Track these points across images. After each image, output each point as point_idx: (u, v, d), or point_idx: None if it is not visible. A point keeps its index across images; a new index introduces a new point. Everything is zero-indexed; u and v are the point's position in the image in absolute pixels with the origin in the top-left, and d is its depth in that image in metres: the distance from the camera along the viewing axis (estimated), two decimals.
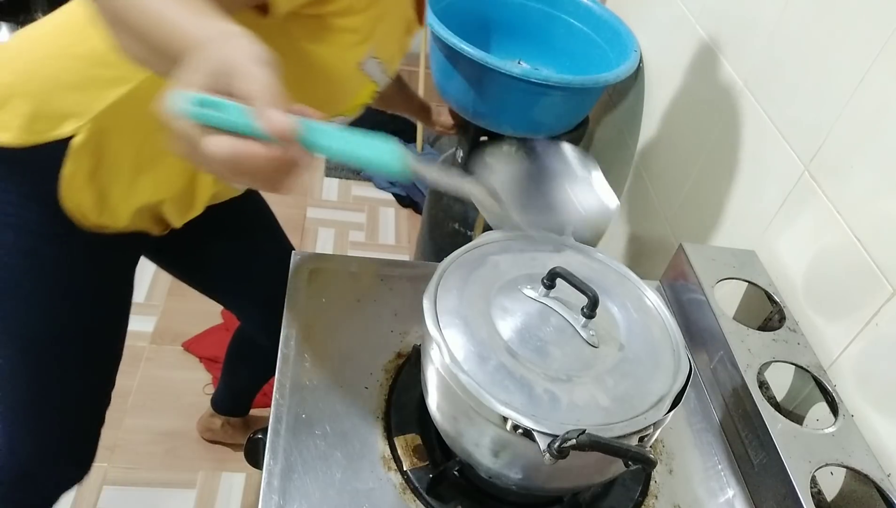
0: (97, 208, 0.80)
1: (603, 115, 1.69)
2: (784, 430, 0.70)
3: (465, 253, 0.70)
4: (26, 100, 0.74)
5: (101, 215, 0.81)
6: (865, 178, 0.78)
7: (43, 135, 0.74)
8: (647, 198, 1.37)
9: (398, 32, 0.84)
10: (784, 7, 0.96)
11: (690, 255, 0.90)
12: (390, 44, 0.83)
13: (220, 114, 0.41)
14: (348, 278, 0.90)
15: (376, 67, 0.81)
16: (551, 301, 0.65)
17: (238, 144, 0.40)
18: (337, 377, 0.77)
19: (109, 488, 1.41)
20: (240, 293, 1.16)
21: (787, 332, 0.82)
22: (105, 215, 0.81)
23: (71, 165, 0.75)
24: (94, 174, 0.78)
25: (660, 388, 0.60)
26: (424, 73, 2.36)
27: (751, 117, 1.01)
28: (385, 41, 0.80)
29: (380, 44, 0.78)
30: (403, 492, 0.68)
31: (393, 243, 2.19)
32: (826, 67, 0.86)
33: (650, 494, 0.72)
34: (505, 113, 1.41)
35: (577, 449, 0.51)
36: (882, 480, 0.67)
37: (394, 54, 0.86)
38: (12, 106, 0.74)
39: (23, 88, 0.74)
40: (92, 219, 0.81)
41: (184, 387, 1.63)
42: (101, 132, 0.75)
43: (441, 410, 0.64)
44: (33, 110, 0.74)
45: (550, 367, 0.59)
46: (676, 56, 1.31)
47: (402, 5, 0.82)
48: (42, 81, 0.75)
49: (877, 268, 0.74)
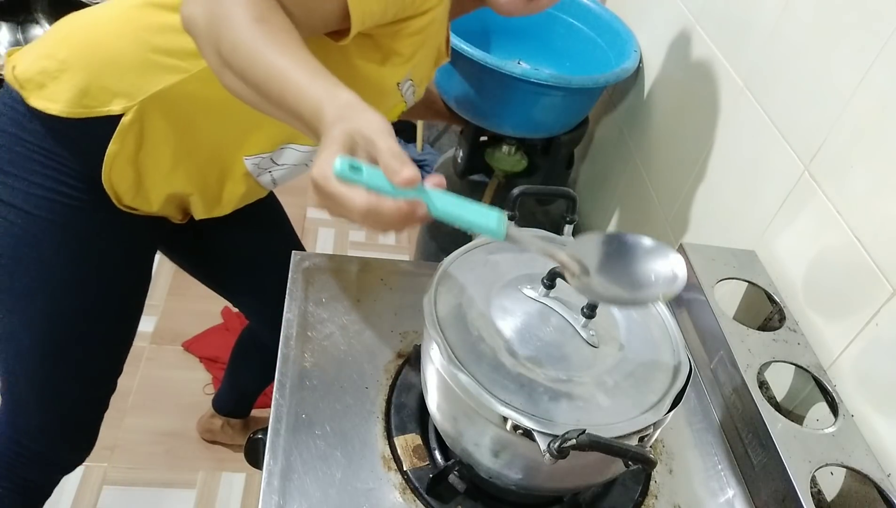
0: (133, 189, 0.83)
1: (603, 115, 1.69)
2: (784, 430, 0.70)
3: (465, 253, 0.70)
4: (80, 75, 0.77)
5: (135, 198, 0.84)
6: (865, 178, 0.78)
7: (92, 110, 0.77)
8: (647, 198, 1.37)
9: (431, 60, 0.91)
10: (784, 7, 0.96)
11: (690, 255, 0.90)
12: (424, 68, 0.90)
13: (364, 177, 0.50)
14: (348, 278, 0.90)
15: (409, 88, 0.88)
16: (551, 301, 0.65)
17: (374, 198, 0.49)
18: (337, 377, 0.77)
19: (109, 488, 1.41)
20: (249, 289, 1.16)
21: (787, 332, 0.82)
22: (139, 197, 0.84)
23: (116, 144, 0.78)
24: (136, 157, 0.81)
25: (660, 388, 0.60)
26: None
27: (751, 117, 1.01)
28: (421, 65, 0.87)
29: (417, 67, 0.85)
30: (403, 492, 0.68)
31: (393, 243, 2.19)
32: (826, 67, 0.86)
33: (650, 494, 0.72)
34: (505, 113, 1.41)
35: (577, 449, 0.51)
36: (882, 480, 0.67)
37: (423, 78, 0.92)
38: (65, 79, 0.77)
39: (78, 63, 0.77)
40: (126, 200, 0.84)
41: (184, 387, 1.63)
42: (147, 116, 0.78)
43: (441, 410, 0.64)
44: (85, 85, 0.76)
45: (550, 367, 0.59)
46: (676, 56, 1.31)
47: (439, 36, 0.87)
48: (100, 59, 0.77)
49: (877, 268, 0.74)
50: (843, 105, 0.82)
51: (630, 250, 0.60)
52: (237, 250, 1.10)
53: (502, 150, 1.57)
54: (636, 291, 0.58)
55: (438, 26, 0.82)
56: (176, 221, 0.94)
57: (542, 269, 0.65)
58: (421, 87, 0.92)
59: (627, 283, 0.59)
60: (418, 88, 0.91)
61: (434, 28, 0.80)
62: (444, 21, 0.84)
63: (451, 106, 1.48)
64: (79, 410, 1.00)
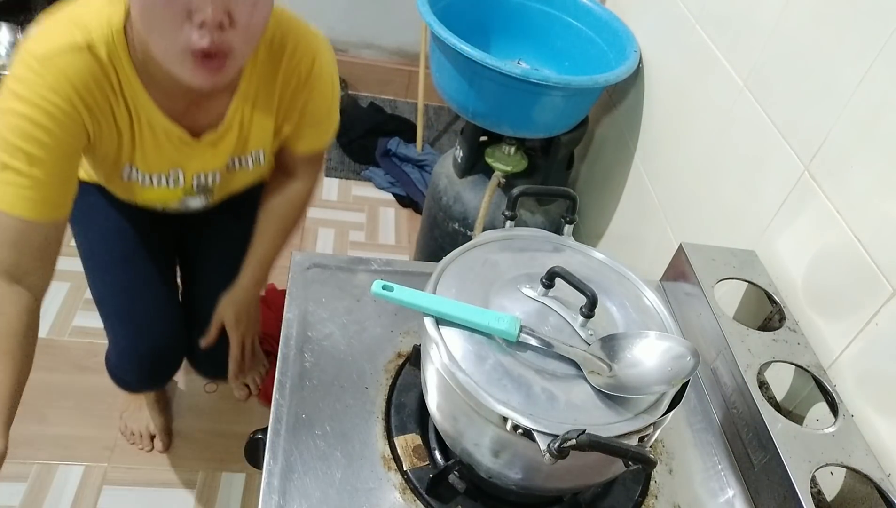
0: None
1: (603, 115, 1.69)
2: (784, 430, 0.70)
3: (464, 252, 0.70)
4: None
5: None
6: (865, 178, 0.78)
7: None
8: (647, 198, 1.37)
9: (158, 150, 0.98)
10: (784, 7, 0.96)
11: (690, 255, 0.90)
12: (152, 158, 0.99)
13: (394, 294, 0.63)
14: (348, 278, 0.90)
15: (135, 173, 1.00)
16: (550, 301, 0.65)
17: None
18: (337, 377, 0.77)
19: (109, 488, 1.41)
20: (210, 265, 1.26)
21: (787, 332, 0.82)
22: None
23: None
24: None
25: (659, 388, 0.60)
26: (424, 73, 2.36)
27: (751, 117, 1.01)
28: (146, 157, 0.98)
29: (140, 159, 0.98)
30: (403, 492, 0.68)
31: (393, 243, 2.19)
32: (826, 67, 0.86)
33: (650, 494, 0.72)
34: (505, 113, 1.41)
35: (577, 449, 0.51)
36: (882, 480, 0.67)
37: (153, 164, 1.00)
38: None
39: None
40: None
41: (184, 387, 1.63)
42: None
43: (441, 410, 0.64)
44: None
45: (548, 366, 0.59)
46: (676, 56, 1.31)
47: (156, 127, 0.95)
48: None
49: (877, 268, 0.74)
50: (844, 105, 0.82)
51: (633, 340, 0.62)
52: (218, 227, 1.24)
53: (502, 150, 1.57)
54: (646, 373, 0.59)
55: (112, 130, 0.92)
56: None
57: (540, 268, 0.65)
58: (151, 170, 1.01)
59: (642, 367, 0.60)
60: (149, 172, 1.01)
61: (107, 134, 0.91)
62: (124, 128, 0.93)
63: (452, 106, 1.48)
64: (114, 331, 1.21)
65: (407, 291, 0.63)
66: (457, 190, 1.59)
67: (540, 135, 1.49)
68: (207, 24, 0.73)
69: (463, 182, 1.60)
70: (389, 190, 2.35)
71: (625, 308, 0.67)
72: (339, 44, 2.62)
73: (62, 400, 1.52)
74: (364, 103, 2.65)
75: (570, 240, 0.75)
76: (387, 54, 2.65)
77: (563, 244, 0.74)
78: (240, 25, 0.75)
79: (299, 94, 0.99)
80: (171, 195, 1.06)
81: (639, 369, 0.59)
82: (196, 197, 1.10)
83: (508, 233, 0.74)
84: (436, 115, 2.64)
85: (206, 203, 1.14)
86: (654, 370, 0.59)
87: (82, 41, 0.81)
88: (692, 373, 0.57)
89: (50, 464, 1.42)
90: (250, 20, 0.76)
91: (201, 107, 0.94)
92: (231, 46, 0.77)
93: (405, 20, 2.51)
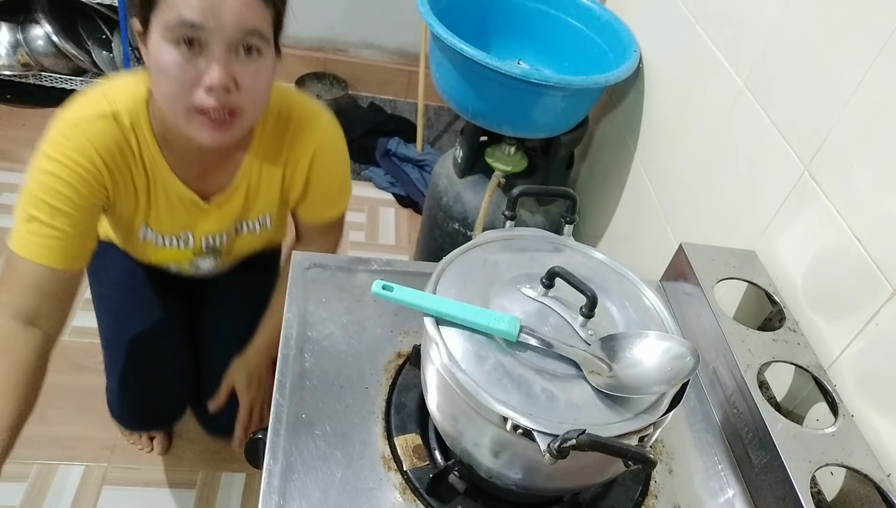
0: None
1: (603, 115, 1.69)
2: (784, 430, 0.70)
3: (464, 252, 0.70)
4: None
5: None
6: (865, 178, 0.78)
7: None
8: (647, 198, 1.37)
9: (169, 212, 1.05)
10: (784, 7, 0.96)
11: (690, 255, 0.90)
12: (164, 218, 1.06)
13: (394, 294, 0.63)
14: (348, 278, 0.90)
15: (151, 234, 1.08)
16: (550, 301, 0.65)
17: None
18: (337, 376, 0.77)
19: (109, 488, 1.41)
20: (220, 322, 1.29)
21: (787, 332, 0.82)
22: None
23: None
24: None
25: (659, 388, 0.60)
26: (424, 73, 2.36)
27: (751, 117, 1.01)
28: (157, 217, 1.06)
29: (152, 219, 1.06)
30: (403, 492, 0.68)
31: (393, 243, 2.19)
32: (826, 67, 0.86)
33: (650, 494, 0.72)
34: (505, 113, 1.41)
35: (577, 449, 0.51)
36: (882, 480, 0.67)
37: (167, 225, 1.08)
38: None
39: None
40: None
41: None
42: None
43: (441, 410, 0.64)
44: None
45: (548, 366, 0.59)
46: (676, 56, 1.31)
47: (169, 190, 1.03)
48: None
49: (877, 268, 0.74)
50: (843, 105, 0.82)
51: (633, 340, 0.62)
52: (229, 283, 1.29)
53: (502, 150, 1.57)
54: (646, 372, 0.59)
55: (129, 193, 1.00)
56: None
57: (540, 268, 0.65)
58: (163, 231, 1.09)
59: (642, 366, 0.60)
60: (162, 233, 1.09)
61: (125, 197, 1.00)
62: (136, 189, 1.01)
63: (452, 106, 1.48)
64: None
65: (407, 291, 0.63)
66: (457, 190, 1.59)
67: (540, 135, 1.49)
68: (215, 88, 0.82)
69: (463, 182, 1.60)
70: (389, 190, 2.35)
71: (625, 308, 0.67)
72: (339, 44, 2.62)
73: (62, 400, 1.52)
74: (364, 103, 2.65)
75: (570, 240, 0.75)
76: (387, 54, 2.65)
77: (563, 244, 0.74)
78: (244, 90, 0.85)
79: (303, 163, 1.06)
80: (183, 256, 1.12)
81: (639, 369, 0.59)
82: (206, 258, 1.15)
83: (508, 233, 0.74)
84: (436, 115, 2.64)
85: (216, 264, 1.18)
86: (654, 370, 0.59)
87: (108, 110, 0.92)
88: (692, 373, 0.57)
89: (50, 464, 1.42)
90: (254, 85, 0.86)
91: (212, 173, 1.03)
92: (236, 106, 0.86)
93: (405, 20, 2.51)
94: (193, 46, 0.81)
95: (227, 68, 0.82)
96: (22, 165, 2.15)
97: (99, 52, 2.32)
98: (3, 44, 2.27)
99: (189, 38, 0.80)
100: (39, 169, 0.90)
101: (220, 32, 0.80)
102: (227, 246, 1.13)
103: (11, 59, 2.27)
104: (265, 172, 1.05)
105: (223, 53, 0.81)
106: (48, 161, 0.90)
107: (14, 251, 0.90)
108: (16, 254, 0.90)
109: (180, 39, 0.80)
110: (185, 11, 0.78)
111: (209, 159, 1.00)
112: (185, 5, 0.78)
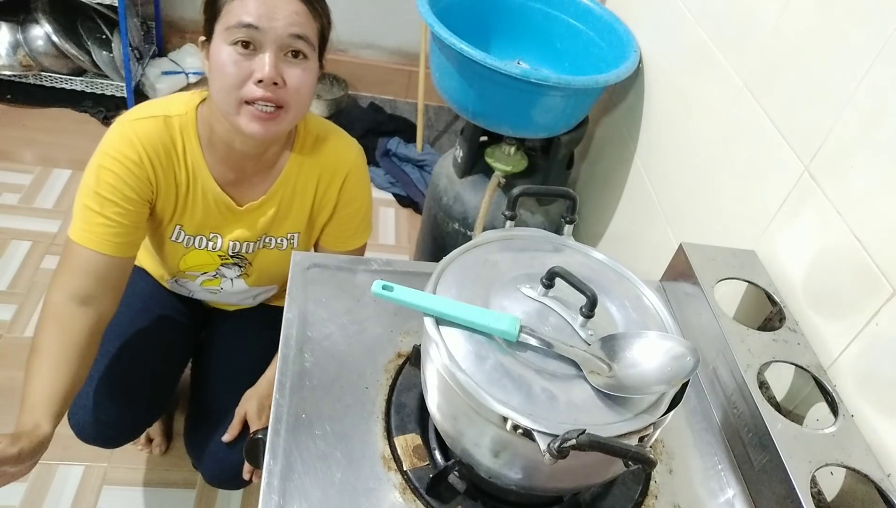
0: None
1: (603, 115, 1.69)
2: (784, 430, 0.70)
3: (464, 252, 0.70)
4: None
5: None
6: (865, 178, 0.78)
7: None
8: (647, 198, 1.37)
9: (203, 212, 1.10)
10: (784, 7, 0.96)
11: (690, 255, 0.90)
12: (196, 219, 1.11)
13: (394, 295, 0.63)
14: (348, 278, 0.90)
15: (183, 235, 1.13)
16: (550, 301, 0.65)
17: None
18: (337, 376, 0.77)
19: (109, 488, 1.41)
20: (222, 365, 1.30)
21: (787, 332, 0.82)
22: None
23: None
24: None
25: (659, 388, 0.60)
26: (424, 73, 2.36)
27: (751, 117, 1.01)
28: (190, 218, 1.10)
29: (185, 221, 1.11)
30: (403, 492, 0.68)
31: (393, 243, 2.19)
32: (826, 67, 0.86)
33: (650, 494, 0.72)
34: (505, 113, 1.41)
35: (577, 449, 0.51)
36: (882, 480, 0.67)
37: (199, 225, 1.12)
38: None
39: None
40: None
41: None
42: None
43: (441, 410, 0.64)
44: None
45: (548, 366, 0.59)
46: (676, 56, 1.31)
47: (206, 192, 1.08)
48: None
49: (877, 268, 0.74)
50: (843, 105, 0.82)
51: (633, 340, 0.62)
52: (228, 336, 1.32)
53: (502, 150, 1.57)
54: (646, 373, 0.59)
55: (170, 192, 1.06)
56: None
57: (540, 268, 0.65)
58: (195, 231, 1.13)
59: (642, 367, 0.60)
60: (193, 234, 1.13)
61: (166, 196, 1.06)
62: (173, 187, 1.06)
63: (452, 106, 1.48)
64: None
65: (407, 291, 0.63)
66: (457, 190, 1.59)
67: (540, 135, 1.49)
68: (265, 80, 0.92)
69: (463, 182, 1.60)
70: (389, 190, 2.35)
71: (625, 308, 0.67)
72: (339, 44, 2.62)
73: None
74: (364, 103, 2.65)
75: (570, 240, 0.75)
76: (387, 54, 2.65)
77: (563, 244, 0.74)
78: (290, 87, 0.94)
79: (335, 184, 1.14)
80: (210, 261, 1.17)
81: (639, 369, 0.59)
82: (232, 268, 1.18)
83: (508, 233, 0.74)
84: (436, 115, 2.64)
85: (241, 277, 1.21)
86: (654, 370, 0.59)
87: (160, 114, 1.02)
88: (692, 373, 0.57)
89: (50, 464, 1.42)
90: (299, 85, 0.95)
91: (249, 181, 1.09)
92: (282, 101, 0.95)
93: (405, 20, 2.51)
94: (249, 47, 0.92)
95: (277, 66, 0.93)
96: (22, 164, 2.16)
97: (99, 52, 2.33)
98: (3, 44, 2.27)
99: (245, 41, 0.91)
100: (94, 163, 0.99)
101: (272, 34, 0.91)
102: (252, 256, 1.17)
103: (11, 59, 2.27)
104: (299, 187, 1.12)
105: (274, 53, 0.92)
106: (102, 156, 0.99)
107: (70, 238, 0.99)
108: (72, 240, 0.99)
109: (238, 41, 0.91)
110: (244, 16, 0.91)
111: (248, 167, 1.07)
112: (245, 11, 0.91)
